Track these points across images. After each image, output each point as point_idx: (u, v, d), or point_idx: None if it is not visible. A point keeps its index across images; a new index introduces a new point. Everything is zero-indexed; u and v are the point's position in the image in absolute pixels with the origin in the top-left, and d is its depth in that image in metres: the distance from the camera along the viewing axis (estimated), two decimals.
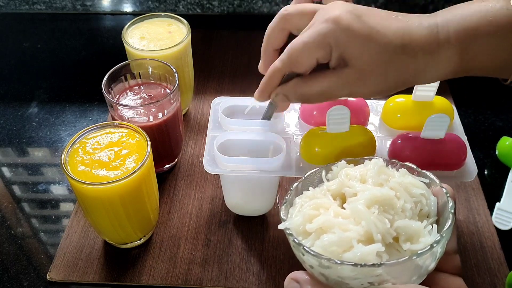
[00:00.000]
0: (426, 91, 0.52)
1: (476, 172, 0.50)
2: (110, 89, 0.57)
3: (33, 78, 0.79)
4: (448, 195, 0.34)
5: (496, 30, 0.39)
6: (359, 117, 0.53)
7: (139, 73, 0.60)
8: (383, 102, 0.56)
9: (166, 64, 0.58)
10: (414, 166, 0.37)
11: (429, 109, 0.52)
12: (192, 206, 0.60)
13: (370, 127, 0.54)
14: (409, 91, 0.53)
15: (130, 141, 0.51)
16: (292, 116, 0.56)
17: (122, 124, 0.52)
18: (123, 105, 0.57)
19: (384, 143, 0.53)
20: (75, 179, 0.46)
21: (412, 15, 0.42)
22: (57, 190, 0.63)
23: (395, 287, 0.31)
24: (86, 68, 0.80)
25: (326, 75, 0.43)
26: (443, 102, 0.54)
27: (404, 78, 0.42)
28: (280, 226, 0.35)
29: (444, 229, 0.32)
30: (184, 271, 0.54)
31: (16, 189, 0.64)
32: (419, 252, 0.30)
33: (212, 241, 0.56)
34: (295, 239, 0.33)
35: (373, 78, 0.42)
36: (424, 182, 0.36)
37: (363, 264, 0.30)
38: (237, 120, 0.54)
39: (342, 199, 0.36)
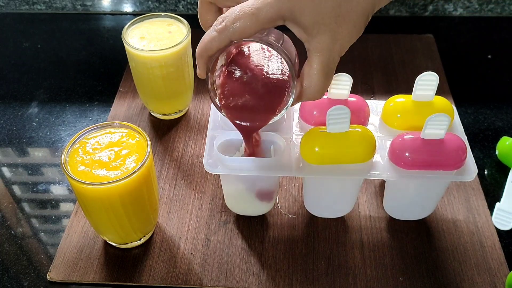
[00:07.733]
0: (426, 90, 0.52)
1: (476, 172, 0.50)
2: None
3: (33, 78, 0.79)
4: None
5: None
6: (359, 117, 0.53)
7: None
8: (383, 102, 0.56)
9: None
10: None
11: (429, 109, 0.52)
12: (192, 206, 0.60)
13: (370, 127, 0.54)
14: (409, 91, 0.54)
15: (130, 141, 0.51)
16: (292, 116, 0.56)
17: (122, 124, 0.52)
18: None
19: (384, 143, 0.53)
20: (75, 179, 0.46)
21: None
22: (57, 190, 0.63)
23: None
24: (86, 68, 0.80)
25: (308, 62, 0.41)
26: (443, 102, 0.54)
27: (365, 9, 0.40)
28: None
29: None
30: (184, 271, 0.54)
31: (16, 189, 0.64)
32: None
33: (212, 241, 0.56)
34: None
35: (344, 28, 0.39)
36: None
37: None
38: None
39: None
